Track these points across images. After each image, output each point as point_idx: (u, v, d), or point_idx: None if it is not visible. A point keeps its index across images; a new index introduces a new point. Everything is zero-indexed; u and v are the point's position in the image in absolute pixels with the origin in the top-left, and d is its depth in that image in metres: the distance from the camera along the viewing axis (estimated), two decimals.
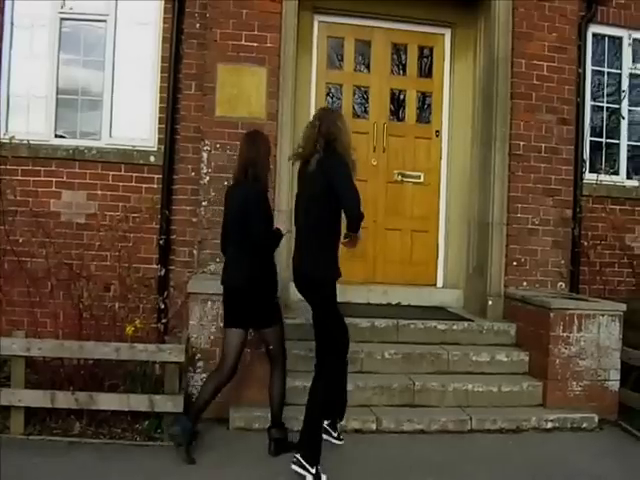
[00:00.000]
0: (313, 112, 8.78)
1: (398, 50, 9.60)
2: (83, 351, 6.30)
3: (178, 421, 5.91)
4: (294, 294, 7.92)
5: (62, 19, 8.37)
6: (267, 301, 6.07)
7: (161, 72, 8.42)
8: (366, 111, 9.45)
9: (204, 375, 6.66)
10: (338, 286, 5.92)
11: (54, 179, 8.20)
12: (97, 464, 5.66)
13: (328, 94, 9.39)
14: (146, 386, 6.44)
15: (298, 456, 5.55)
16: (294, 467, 5.54)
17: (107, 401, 6.22)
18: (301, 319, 7.59)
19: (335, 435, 6.36)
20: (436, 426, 6.80)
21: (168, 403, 6.16)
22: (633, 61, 9.70)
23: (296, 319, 7.59)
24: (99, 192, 8.27)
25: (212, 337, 6.76)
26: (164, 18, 8.41)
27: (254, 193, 5.90)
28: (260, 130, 6.73)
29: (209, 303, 6.78)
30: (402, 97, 9.58)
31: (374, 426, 6.66)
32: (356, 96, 9.51)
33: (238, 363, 6.05)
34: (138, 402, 6.21)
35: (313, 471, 5.46)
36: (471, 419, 6.89)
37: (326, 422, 6.15)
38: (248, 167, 5.95)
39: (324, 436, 5.90)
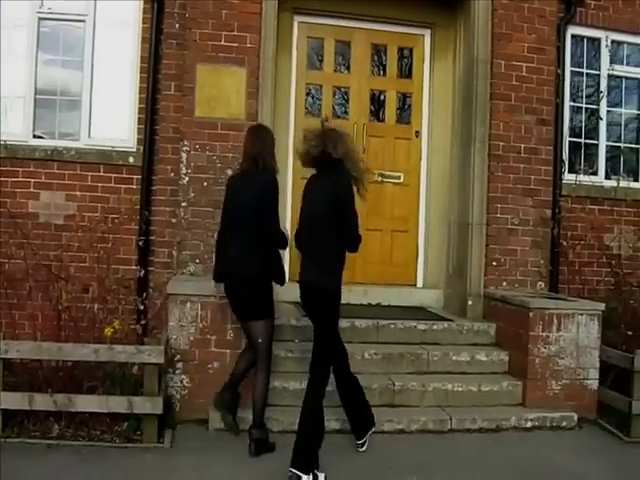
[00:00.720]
0: (293, 113, 8.88)
1: (378, 51, 9.62)
2: (62, 353, 6.25)
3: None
4: (274, 294, 7.95)
5: (40, 19, 8.31)
6: (268, 293, 6.21)
7: (140, 72, 8.39)
8: (346, 112, 9.45)
9: (183, 376, 6.67)
10: None
11: (32, 180, 8.15)
12: (76, 466, 5.62)
13: (308, 95, 9.40)
14: (125, 387, 6.40)
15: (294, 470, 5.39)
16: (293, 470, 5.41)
17: (86, 403, 6.17)
18: (282, 320, 7.59)
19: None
20: (416, 426, 6.81)
21: (147, 404, 6.13)
22: (611, 62, 9.73)
23: (277, 319, 7.55)
24: (78, 193, 8.23)
25: (191, 338, 6.73)
26: (143, 18, 8.38)
27: (268, 182, 6.03)
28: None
29: (188, 304, 6.75)
30: (382, 98, 9.59)
31: None
32: (336, 97, 9.52)
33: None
34: (117, 404, 6.17)
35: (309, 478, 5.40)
36: (451, 419, 6.90)
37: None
38: (257, 158, 6.09)
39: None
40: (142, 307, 7.52)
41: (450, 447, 6.53)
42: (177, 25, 8.29)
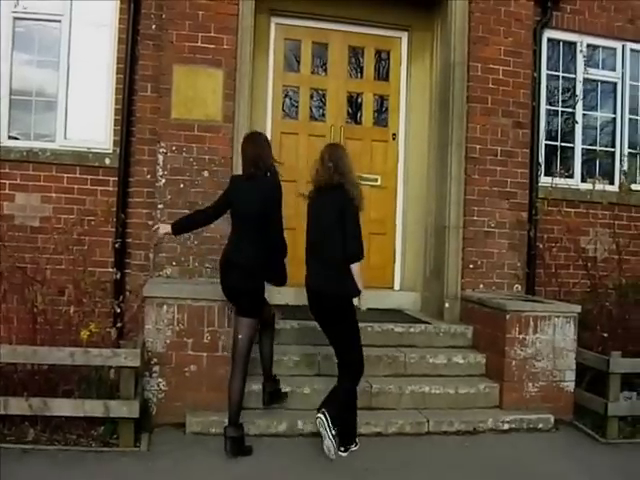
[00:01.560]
0: (270, 114, 8.85)
1: (355, 53, 9.62)
2: (37, 356, 6.19)
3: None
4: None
5: (15, 19, 8.22)
6: (260, 293, 6.27)
7: (116, 73, 8.33)
8: (323, 114, 9.44)
9: (160, 380, 6.63)
10: (295, 289, 6.11)
11: (7, 181, 8.06)
12: (52, 471, 5.57)
13: (285, 96, 9.38)
14: (102, 391, 6.34)
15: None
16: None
17: (62, 407, 6.11)
18: None
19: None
20: (393, 429, 6.81)
21: (123, 408, 6.08)
22: (587, 66, 9.78)
23: None
24: (53, 195, 8.16)
25: (168, 341, 6.69)
26: (120, 19, 8.33)
27: (273, 188, 6.20)
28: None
29: (165, 307, 6.71)
30: (359, 100, 9.59)
31: None
32: (313, 99, 9.51)
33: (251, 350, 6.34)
34: (93, 407, 6.12)
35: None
36: (428, 421, 6.91)
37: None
38: (259, 162, 6.20)
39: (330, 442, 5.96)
40: (118, 310, 7.47)
41: (427, 449, 6.53)
42: (154, 26, 8.24)
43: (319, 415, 5.89)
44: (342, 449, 6.18)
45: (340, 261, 6.03)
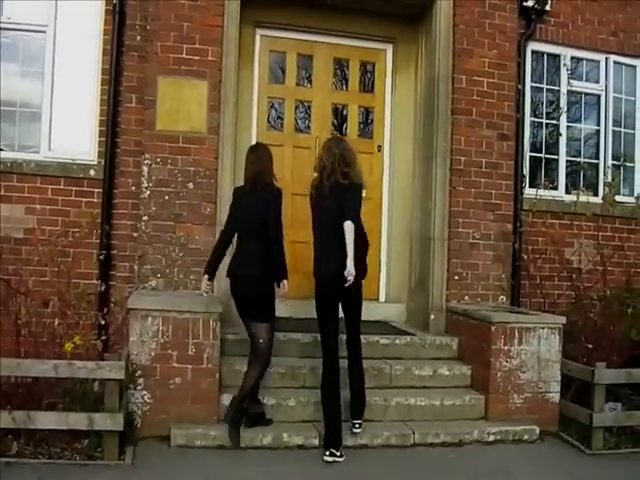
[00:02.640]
0: (255, 126, 8.84)
1: (340, 65, 9.63)
2: (20, 369, 6.15)
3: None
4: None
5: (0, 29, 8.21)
6: (270, 297, 6.57)
7: (101, 84, 8.31)
8: (308, 126, 9.44)
9: (145, 392, 6.59)
10: (279, 301, 6.62)
11: None
12: None
13: (270, 108, 9.38)
14: (86, 404, 6.30)
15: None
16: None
17: (45, 420, 6.06)
18: (244, 335, 7.52)
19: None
20: (379, 440, 6.79)
21: (108, 421, 6.04)
22: (571, 78, 9.84)
23: (239, 334, 7.54)
24: (38, 206, 8.12)
25: (153, 353, 6.65)
26: (104, 30, 8.31)
27: (274, 197, 6.55)
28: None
29: (149, 319, 6.68)
30: (344, 112, 9.60)
31: (316, 442, 6.61)
32: (298, 110, 9.50)
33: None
34: (77, 420, 6.07)
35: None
36: (414, 433, 6.89)
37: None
38: (259, 177, 6.60)
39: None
40: (103, 322, 7.42)
41: (413, 461, 6.51)
42: (138, 37, 8.24)
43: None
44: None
45: (339, 244, 6.30)
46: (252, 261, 6.47)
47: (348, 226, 6.25)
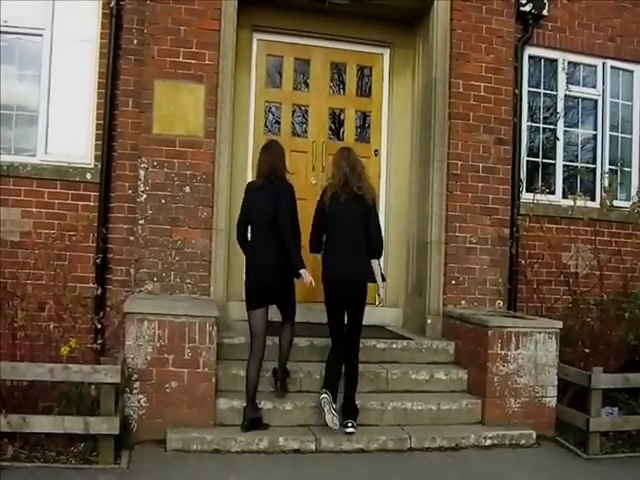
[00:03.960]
0: (252, 130, 8.84)
1: (338, 69, 9.63)
2: (16, 372, 6.13)
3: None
4: (234, 313, 7.93)
5: None
6: (290, 282, 7.04)
7: (98, 88, 8.30)
8: (305, 130, 9.42)
9: (141, 396, 6.57)
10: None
11: None
12: None
13: (267, 112, 9.36)
14: (82, 407, 6.28)
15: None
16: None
17: (41, 423, 6.04)
18: (240, 339, 7.56)
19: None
20: (375, 445, 6.77)
21: (104, 425, 6.02)
22: (568, 83, 9.87)
23: (234, 339, 7.55)
24: (34, 209, 8.10)
25: (149, 357, 6.63)
26: (101, 33, 8.30)
27: (285, 193, 6.89)
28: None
29: (145, 323, 6.66)
30: (341, 116, 9.60)
31: (313, 446, 6.61)
32: (295, 115, 9.49)
33: (266, 337, 6.94)
34: (73, 424, 6.05)
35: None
36: (410, 437, 6.88)
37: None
38: (273, 172, 6.93)
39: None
40: (99, 326, 7.40)
41: (409, 466, 6.50)
42: (135, 41, 8.22)
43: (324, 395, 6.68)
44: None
45: (365, 254, 6.99)
46: (269, 252, 6.79)
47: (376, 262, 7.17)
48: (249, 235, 7.12)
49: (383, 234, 9.10)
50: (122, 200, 8.21)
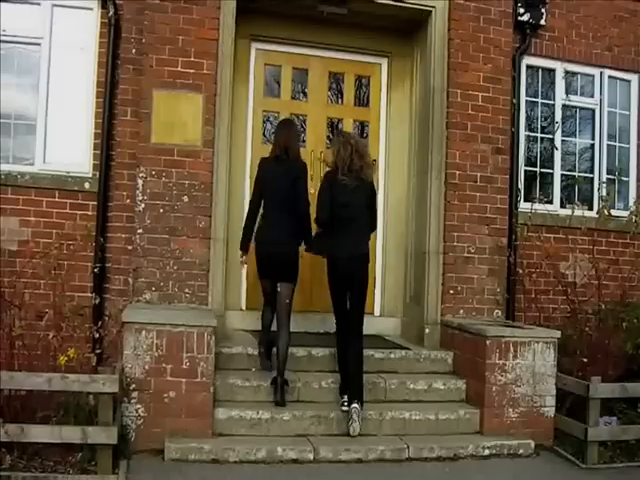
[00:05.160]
0: (250, 140, 8.84)
1: (336, 79, 9.65)
2: (14, 382, 6.10)
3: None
4: (232, 323, 7.93)
5: None
6: (297, 259, 7.31)
7: (96, 97, 8.32)
8: (303, 139, 9.37)
9: (139, 406, 6.56)
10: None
11: None
12: None
13: (265, 122, 9.37)
14: (80, 417, 6.26)
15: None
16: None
17: (39, 433, 6.01)
18: (238, 348, 7.57)
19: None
20: (374, 455, 6.75)
21: (102, 434, 6.00)
22: (566, 93, 9.90)
23: (232, 348, 7.55)
24: (32, 218, 8.10)
25: (147, 367, 6.62)
26: (100, 43, 8.32)
27: (300, 168, 7.34)
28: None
29: (144, 332, 6.64)
30: (339, 126, 9.58)
31: (311, 456, 6.58)
32: None
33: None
34: (71, 434, 6.03)
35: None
36: (409, 447, 6.86)
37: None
38: (288, 150, 7.30)
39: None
40: (97, 335, 7.38)
41: (407, 476, 6.48)
42: (134, 50, 8.24)
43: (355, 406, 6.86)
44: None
45: (367, 233, 7.47)
46: (283, 227, 7.19)
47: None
48: (261, 210, 7.44)
49: (381, 243, 9.27)
50: (120, 209, 8.22)
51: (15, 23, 8.19)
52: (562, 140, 9.96)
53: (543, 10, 9.54)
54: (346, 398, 7.02)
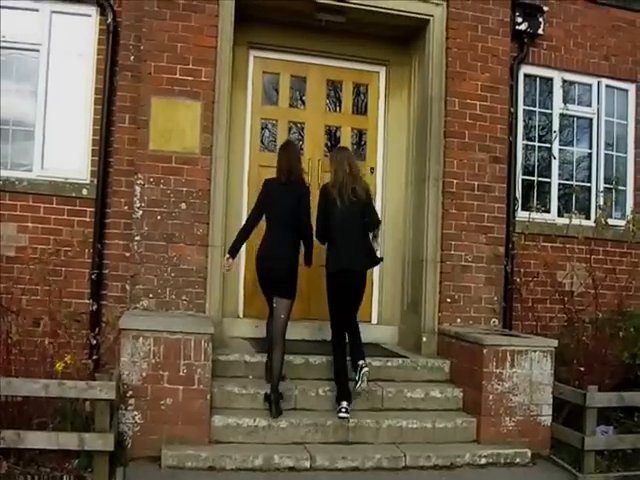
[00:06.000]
0: (248, 147, 8.85)
1: (334, 87, 9.66)
2: (11, 388, 6.09)
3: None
4: (229, 330, 7.93)
5: None
6: (295, 277, 7.35)
7: (95, 104, 8.32)
8: (301, 147, 9.37)
9: (136, 412, 6.55)
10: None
11: None
12: None
13: (263, 129, 9.38)
14: (76, 423, 6.26)
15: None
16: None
17: (35, 439, 6.00)
18: (235, 356, 7.56)
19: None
20: (370, 463, 6.74)
21: (98, 441, 5.98)
22: (563, 102, 9.91)
23: (229, 356, 7.54)
24: (30, 225, 8.10)
25: (144, 374, 6.61)
26: (98, 49, 8.34)
27: (304, 193, 7.39)
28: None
29: (141, 339, 6.64)
30: (337, 134, 9.62)
31: (308, 464, 6.58)
32: (292, 132, 9.49)
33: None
34: (67, 440, 6.02)
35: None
36: (405, 456, 6.85)
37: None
38: (292, 171, 7.37)
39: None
40: (94, 342, 7.40)
41: None
42: (132, 57, 8.25)
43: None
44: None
45: (366, 243, 7.46)
46: (284, 244, 7.23)
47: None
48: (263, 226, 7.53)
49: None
50: (118, 216, 8.21)
51: (14, 29, 8.19)
52: (560, 149, 9.97)
53: (541, 19, 9.57)
54: (344, 405, 7.01)
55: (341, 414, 7.00)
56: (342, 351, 7.36)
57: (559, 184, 10.00)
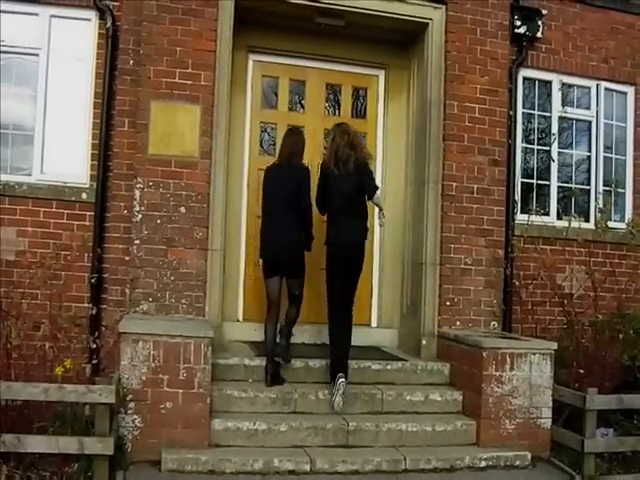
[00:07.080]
0: (247, 151, 8.85)
1: (333, 90, 9.67)
2: (11, 392, 6.10)
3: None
4: (229, 334, 7.92)
5: None
6: (303, 256, 7.67)
7: (94, 108, 8.33)
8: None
9: (135, 416, 6.54)
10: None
11: None
12: None
13: (263, 133, 9.38)
14: (76, 427, 6.27)
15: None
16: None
17: (35, 443, 6.01)
18: (235, 359, 7.55)
19: None
20: (370, 466, 6.73)
21: (98, 445, 5.98)
22: (562, 105, 9.92)
23: (229, 359, 7.53)
24: (29, 229, 8.10)
25: (144, 377, 6.60)
26: (98, 54, 8.35)
27: (304, 176, 7.63)
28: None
29: (140, 343, 6.63)
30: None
31: (308, 467, 6.57)
32: None
33: (281, 301, 7.73)
34: (67, 444, 6.02)
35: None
36: (405, 459, 6.84)
37: None
38: (292, 157, 7.68)
39: None
40: (94, 346, 7.39)
41: None
42: (131, 61, 8.25)
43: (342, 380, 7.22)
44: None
45: (363, 216, 7.65)
46: (290, 226, 7.47)
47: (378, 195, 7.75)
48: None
49: (378, 254, 9.27)
50: (117, 220, 8.21)
51: (13, 33, 8.20)
52: (559, 152, 9.97)
53: (540, 22, 9.58)
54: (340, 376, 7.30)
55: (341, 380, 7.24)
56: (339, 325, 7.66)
57: (558, 187, 10.00)
